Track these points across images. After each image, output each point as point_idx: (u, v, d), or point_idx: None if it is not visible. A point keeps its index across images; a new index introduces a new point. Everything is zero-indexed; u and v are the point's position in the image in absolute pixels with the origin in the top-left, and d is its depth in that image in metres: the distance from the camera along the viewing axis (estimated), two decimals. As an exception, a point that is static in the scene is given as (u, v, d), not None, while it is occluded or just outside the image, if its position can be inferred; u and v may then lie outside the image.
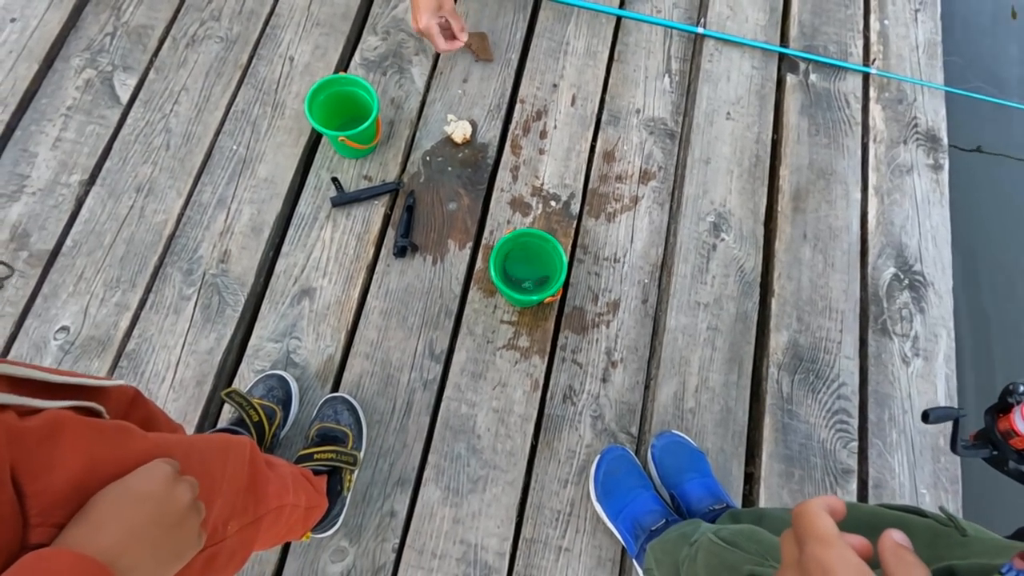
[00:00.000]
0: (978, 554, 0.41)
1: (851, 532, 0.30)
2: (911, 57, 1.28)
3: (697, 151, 1.15)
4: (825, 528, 0.30)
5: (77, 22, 1.14)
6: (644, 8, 1.27)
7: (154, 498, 0.36)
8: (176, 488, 0.38)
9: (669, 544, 0.74)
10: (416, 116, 1.14)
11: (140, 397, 0.56)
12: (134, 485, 0.37)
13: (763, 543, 0.56)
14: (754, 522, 0.69)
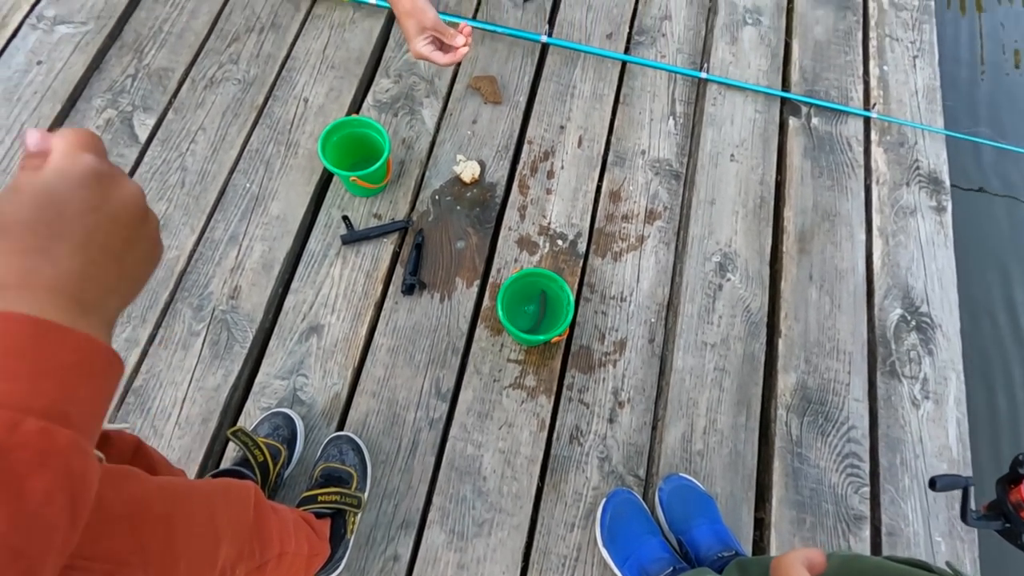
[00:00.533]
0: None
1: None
2: (911, 102, 1.31)
3: (702, 192, 1.17)
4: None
5: (101, 64, 1.17)
6: (648, 53, 1.31)
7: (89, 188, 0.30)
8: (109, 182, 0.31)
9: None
10: (426, 156, 1.16)
11: (143, 446, 0.56)
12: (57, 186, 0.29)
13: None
14: (762, 574, 0.68)
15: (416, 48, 0.97)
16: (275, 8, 1.26)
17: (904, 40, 1.37)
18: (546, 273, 0.97)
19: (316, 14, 1.27)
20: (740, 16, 1.35)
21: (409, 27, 0.97)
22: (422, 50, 0.98)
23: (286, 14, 1.26)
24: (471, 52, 1.24)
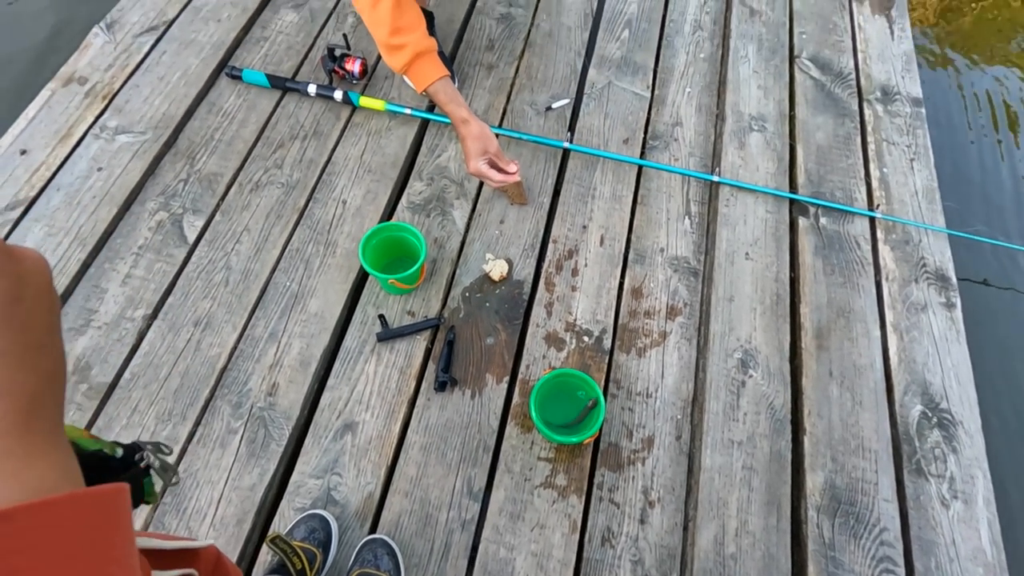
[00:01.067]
0: None
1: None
2: (912, 202, 1.39)
3: (720, 289, 1.22)
4: None
5: (156, 170, 1.26)
6: (663, 157, 1.40)
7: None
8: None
9: None
10: (457, 255, 1.23)
11: (221, 557, 0.58)
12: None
13: None
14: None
15: (476, 166, 1.11)
16: (318, 117, 1.37)
17: (900, 144, 1.47)
18: (576, 374, 1.00)
19: (355, 122, 1.37)
20: (746, 123, 1.46)
21: (474, 149, 1.11)
22: (481, 168, 1.11)
23: (327, 122, 1.36)
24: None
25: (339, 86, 1.38)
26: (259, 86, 1.38)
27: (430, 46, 1.13)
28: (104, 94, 1.33)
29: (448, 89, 1.16)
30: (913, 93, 1.57)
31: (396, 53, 1.12)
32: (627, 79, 1.51)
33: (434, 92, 1.16)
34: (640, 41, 1.59)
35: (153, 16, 1.46)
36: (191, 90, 1.36)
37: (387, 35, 1.09)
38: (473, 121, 1.14)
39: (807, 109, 1.50)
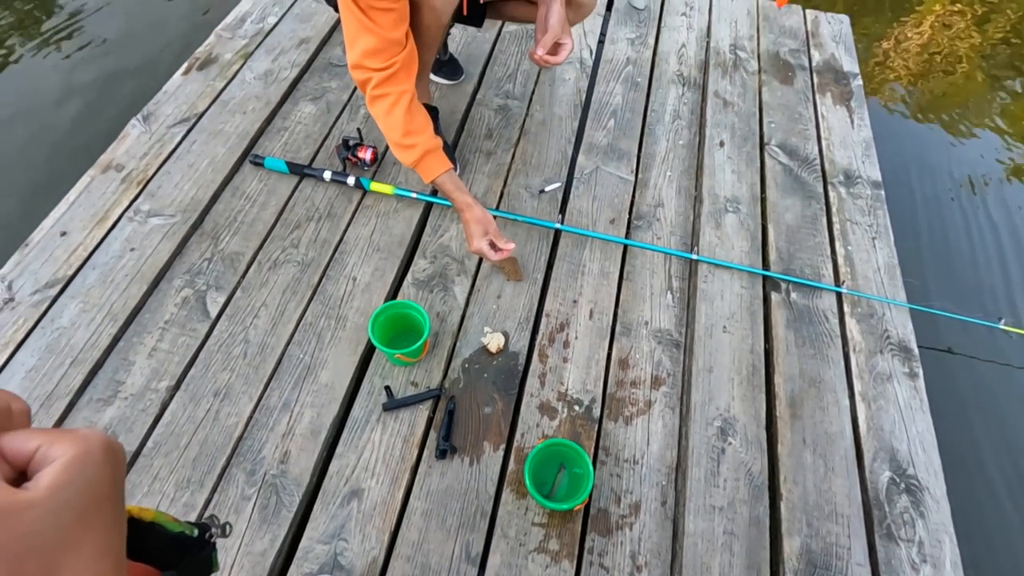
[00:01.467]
0: None
1: None
2: (875, 278, 1.51)
3: (701, 360, 1.32)
4: None
5: (183, 249, 1.38)
6: (646, 236, 1.53)
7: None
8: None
9: None
10: (457, 328, 1.33)
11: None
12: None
13: None
14: None
15: (477, 245, 1.26)
16: (332, 200, 1.50)
17: (863, 224, 1.61)
18: (568, 444, 1.09)
19: (365, 204, 1.51)
20: (722, 205, 1.60)
21: (476, 231, 1.26)
22: (482, 247, 1.25)
23: (340, 205, 1.50)
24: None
25: (352, 172, 1.52)
26: (279, 172, 1.53)
27: (437, 144, 1.28)
28: (139, 180, 1.47)
29: (452, 180, 1.29)
30: (873, 176, 1.72)
31: (407, 151, 1.26)
32: (613, 164, 1.67)
33: (440, 183, 1.29)
34: (624, 129, 1.76)
35: (185, 109, 1.63)
36: (217, 176, 1.50)
37: (400, 137, 1.23)
38: (475, 206, 1.28)
39: (777, 192, 1.65)
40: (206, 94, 1.67)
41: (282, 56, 1.79)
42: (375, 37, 1.14)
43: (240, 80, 1.71)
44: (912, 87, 2.70)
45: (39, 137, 2.01)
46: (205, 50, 1.78)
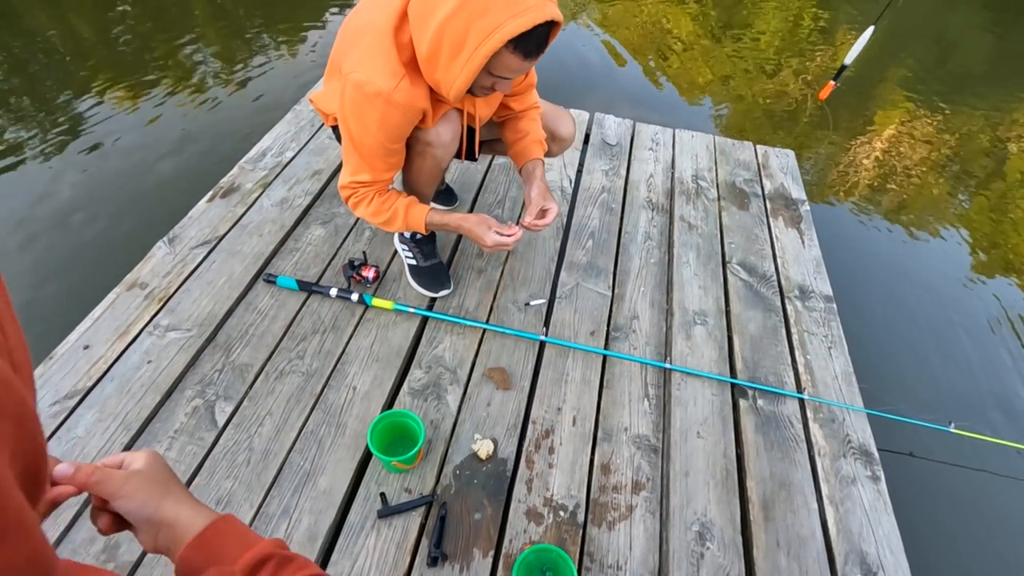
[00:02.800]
0: None
1: None
2: (834, 384, 1.65)
3: (677, 464, 1.41)
4: None
5: (196, 361, 1.50)
6: (623, 347, 1.68)
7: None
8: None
9: None
10: (449, 435, 1.42)
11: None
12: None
13: None
14: None
15: (491, 240, 1.43)
16: (336, 314, 1.65)
17: (819, 334, 1.78)
18: (554, 550, 1.15)
19: (367, 318, 1.65)
20: (691, 317, 1.77)
21: (481, 231, 1.43)
22: (496, 239, 1.42)
23: (344, 319, 1.64)
24: (486, 346, 1.61)
25: (355, 289, 1.69)
26: (290, 289, 1.68)
27: (410, 200, 1.46)
28: (160, 297, 1.62)
29: (439, 215, 1.47)
30: (825, 291, 1.92)
31: (392, 222, 1.46)
32: (592, 280, 1.85)
33: (432, 224, 1.47)
34: (602, 249, 1.96)
35: (208, 231, 1.81)
36: (233, 292, 1.65)
37: (382, 217, 1.45)
38: (468, 217, 1.46)
39: (740, 305, 1.83)
40: (227, 219, 1.87)
41: (297, 185, 2.02)
42: (369, 175, 1.38)
43: (259, 206, 1.92)
44: (863, 201, 3.02)
45: (68, 253, 2.18)
46: (228, 180, 2.01)
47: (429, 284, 1.72)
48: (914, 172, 3.33)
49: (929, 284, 2.58)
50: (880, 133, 3.62)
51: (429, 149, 1.41)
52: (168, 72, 3.32)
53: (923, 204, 3.12)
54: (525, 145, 1.53)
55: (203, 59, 3.49)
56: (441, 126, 1.38)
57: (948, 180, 3.32)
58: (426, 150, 1.42)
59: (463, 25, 1.06)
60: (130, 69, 3.31)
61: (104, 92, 3.10)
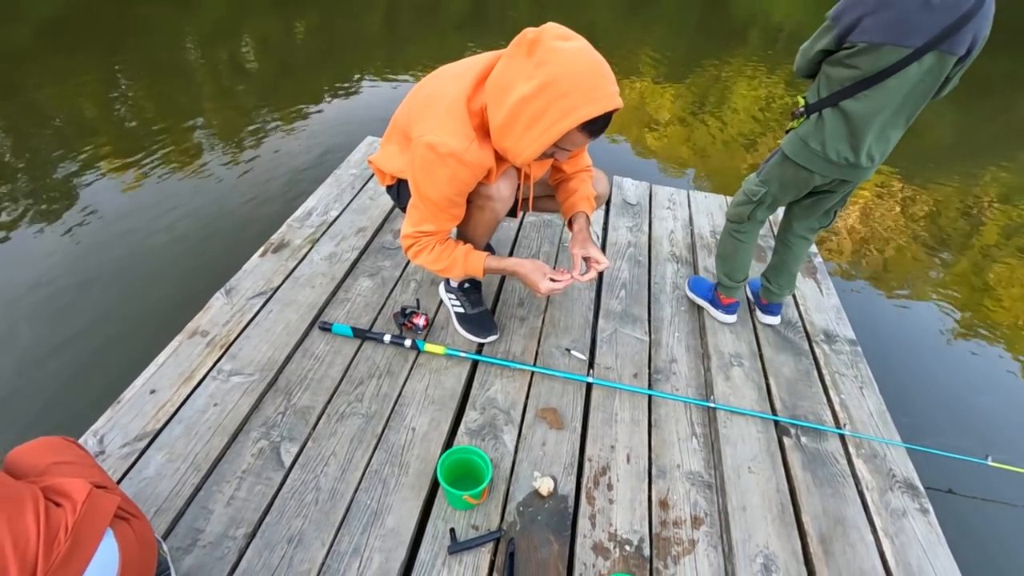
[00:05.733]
0: None
1: None
2: (870, 421, 1.71)
3: (734, 499, 1.45)
4: None
5: (259, 404, 1.54)
6: (666, 387, 1.74)
7: None
8: None
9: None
10: (509, 473, 1.45)
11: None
12: None
13: None
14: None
15: (545, 287, 1.50)
16: (390, 360, 1.71)
17: (848, 375, 1.86)
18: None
19: (420, 363, 1.71)
20: (727, 360, 1.85)
21: (536, 278, 1.51)
22: (549, 286, 1.50)
23: (398, 363, 1.70)
24: (535, 388, 1.66)
25: (407, 335, 1.76)
26: (344, 336, 1.75)
27: (467, 249, 1.55)
28: (222, 344, 1.67)
29: (495, 260, 1.56)
30: (848, 335, 2.02)
31: (452, 269, 1.55)
32: (629, 327, 1.94)
33: (490, 269, 1.56)
34: (634, 298, 2.07)
35: (262, 284, 1.90)
36: (291, 340, 1.71)
37: (442, 265, 1.55)
38: (523, 262, 1.55)
39: (771, 349, 1.92)
40: (280, 271, 1.96)
41: (343, 241, 2.14)
42: (433, 226, 1.50)
43: (309, 260, 2.02)
44: (865, 261, 3.19)
45: (127, 303, 2.25)
46: (278, 237, 2.12)
47: (477, 330, 1.80)
48: (894, 237, 3.54)
49: (946, 330, 2.70)
50: (858, 201, 3.87)
51: (489, 203, 1.54)
52: (214, 152, 3.52)
53: (907, 265, 3.30)
54: (574, 201, 1.67)
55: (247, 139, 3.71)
56: (501, 182, 1.51)
57: (921, 245, 3.53)
58: (486, 203, 1.55)
59: (544, 104, 1.22)
60: (194, 149, 3.51)
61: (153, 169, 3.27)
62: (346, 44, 5.51)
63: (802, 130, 1.57)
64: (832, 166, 1.54)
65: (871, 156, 1.51)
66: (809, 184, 1.63)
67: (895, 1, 1.30)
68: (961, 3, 1.26)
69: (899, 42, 1.32)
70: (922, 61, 1.33)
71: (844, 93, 1.45)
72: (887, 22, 1.32)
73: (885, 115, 1.44)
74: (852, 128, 1.47)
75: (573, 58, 1.21)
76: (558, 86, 1.21)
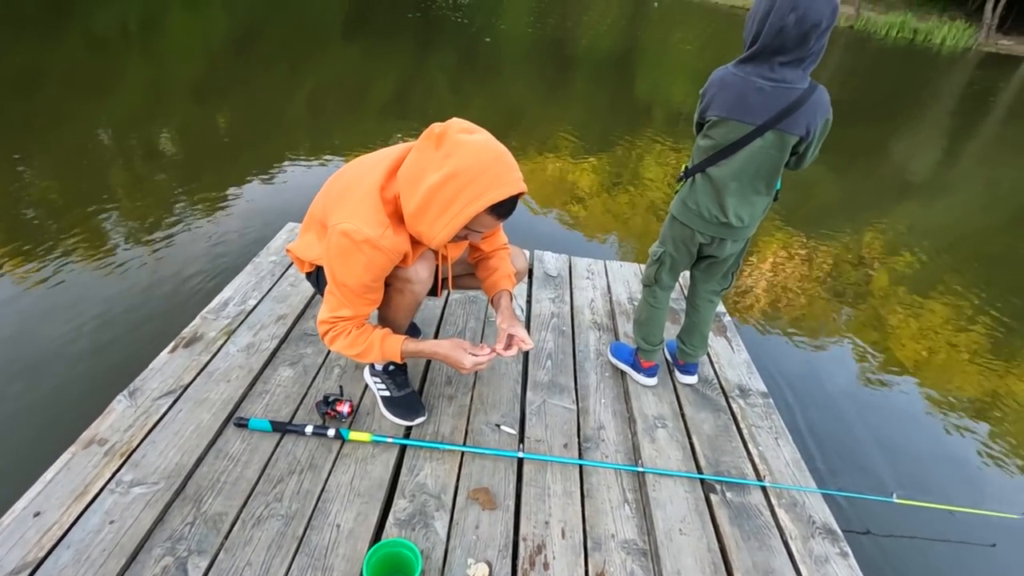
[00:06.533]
0: None
1: None
2: (787, 471, 1.80)
3: (668, 565, 1.45)
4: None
5: (164, 516, 1.41)
6: (596, 455, 1.76)
7: None
8: None
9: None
10: (442, 563, 1.39)
11: None
12: None
13: None
14: None
15: (468, 363, 1.53)
16: (312, 453, 1.63)
17: (764, 427, 1.96)
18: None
19: (344, 453, 1.65)
20: (652, 422, 1.91)
21: (458, 355, 1.53)
22: (473, 360, 1.53)
23: (321, 456, 1.63)
24: (467, 469, 1.64)
25: (331, 424, 1.70)
26: (262, 431, 1.66)
27: (384, 332, 1.56)
28: (122, 452, 1.54)
29: (413, 344, 1.57)
30: (760, 388, 2.15)
31: (368, 354, 1.54)
32: (556, 397, 1.97)
33: (408, 353, 1.57)
34: (560, 368, 2.12)
35: (172, 382, 1.79)
36: (202, 441, 1.61)
37: (358, 349, 1.54)
38: (441, 343, 1.58)
39: (691, 408, 2.00)
40: (192, 367, 1.86)
41: (262, 330, 2.07)
42: (350, 311, 1.51)
43: (224, 353, 1.94)
44: (772, 315, 3.44)
45: (14, 415, 2.02)
46: (191, 331, 2.03)
47: (404, 413, 1.77)
48: (800, 288, 3.89)
49: (844, 374, 2.92)
50: (766, 258, 4.24)
51: (408, 286, 1.57)
52: (122, 244, 3.37)
53: (815, 315, 3.61)
54: (495, 280, 1.74)
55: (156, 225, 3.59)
56: (419, 264, 1.55)
57: (822, 296, 3.89)
58: (405, 286, 1.57)
59: (453, 192, 1.30)
60: (100, 240, 3.33)
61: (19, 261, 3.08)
62: (268, 130, 5.58)
63: (682, 192, 1.76)
64: (707, 223, 1.72)
65: (739, 217, 1.69)
66: (695, 241, 1.78)
67: (734, 85, 1.54)
68: (790, 93, 1.50)
69: (742, 119, 1.55)
70: (764, 137, 1.56)
71: (709, 160, 1.65)
72: (731, 101, 1.55)
73: (743, 181, 1.64)
74: (716, 191, 1.66)
75: (477, 149, 1.31)
76: (465, 175, 1.29)
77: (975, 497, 2.26)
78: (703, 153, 1.66)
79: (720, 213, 1.69)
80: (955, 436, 2.63)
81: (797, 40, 1.43)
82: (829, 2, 1.39)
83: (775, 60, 1.48)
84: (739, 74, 1.54)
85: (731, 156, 1.61)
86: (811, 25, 1.39)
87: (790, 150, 1.58)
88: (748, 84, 1.52)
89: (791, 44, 1.44)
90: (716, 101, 1.58)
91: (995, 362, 3.30)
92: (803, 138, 1.55)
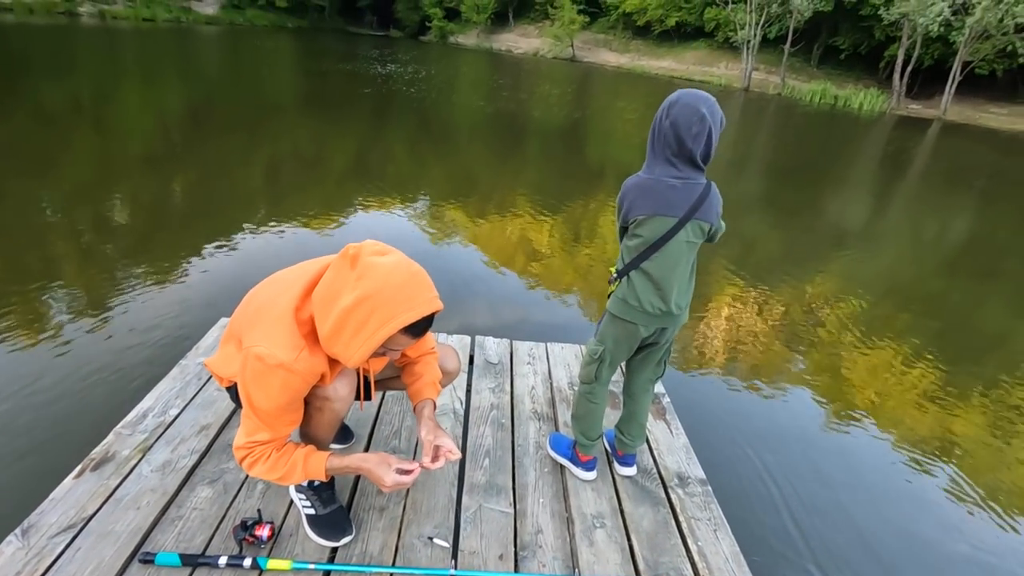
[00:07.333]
0: None
1: None
2: (726, 567, 1.77)
3: None
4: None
5: None
6: (533, 566, 1.70)
7: None
8: None
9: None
10: None
11: None
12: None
13: None
14: None
15: (391, 480, 1.49)
16: (226, 588, 1.51)
17: (703, 519, 1.95)
18: None
19: (261, 586, 1.53)
20: (590, 522, 1.87)
21: (381, 471, 1.49)
22: (396, 479, 1.50)
23: (235, 592, 1.51)
24: None
25: (248, 552, 1.59)
26: (171, 566, 1.54)
27: (308, 450, 1.50)
28: (5, 606, 1.40)
29: (337, 459, 1.52)
30: (699, 475, 2.15)
31: (292, 475, 1.48)
32: (493, 500, 1.92)
33: (332, 470, 1.52)
34: (499, 466, 2.07)
35: (73, 514, 1.66)
36: (101, 584, 1.47)
37: (280, 472, 1.48)
38: (367, 457, 1.53)
39: (630, 503, 1.98)
40: (98, 495, 1.73)
41: (182, 444, 1.96)
42: (268, 434, 1.46)
43: (136, 475, 1.82)
44: (715, 377, 3.50)
45: None
46: (102, 450, 1.91)
47: (329, 533, 1.68)
48: (755, 339, 3.99)
49: (788, 439, 2.96)
50: (717, 314, 4.37)
51: (328, 403, 1.53)
52: (22, 350, 3.19)
53: (767, 367, 3.70)
54: (419, 387, 1.71)
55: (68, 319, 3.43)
56: (339, 382, 1.52)
57: (783, 342, 4.00)
58: (324, 405, 1.53)
59: (365, 314, 1.30)
60: (-14, 335, 3.14)
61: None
62: (221, 203, 5.52)
63: (619, 292, 1.80)
64: (650, 317, 1.76)
65: (679, 304, 1.77)
66: (637, 336, 1.82)
67: (651, 186, 1.66)
68: (696, 187, 1.65)
69: (666, 213, 1.66)
70: (686, 228, 1.66)
71: (641, 256, 1.72)
72: (652, 200, 1.67)
73: (679, 270, 1.72)
74: (655, 283, 1.73)
75: (389, 271, 1.32)
76: (377, 297, 1.30)
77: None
78: (633, 251, 1.74)
79: (662, 304, 1.75)
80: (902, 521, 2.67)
81: (677, 144, 1.60)
82: (696, 111, 1.55)
83: (676, 161, 1.63)
84: (651, 177, 1.66)
85: (661, 249, 1.69)
86: (684, 131, 1.57)
87: (707, 235, 1.73)
88: (661, 183, 1.64)
89: (676, 147, 1.61)
90: (637, 203, 1.68)
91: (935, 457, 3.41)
92: (712, 224, 1.70)
